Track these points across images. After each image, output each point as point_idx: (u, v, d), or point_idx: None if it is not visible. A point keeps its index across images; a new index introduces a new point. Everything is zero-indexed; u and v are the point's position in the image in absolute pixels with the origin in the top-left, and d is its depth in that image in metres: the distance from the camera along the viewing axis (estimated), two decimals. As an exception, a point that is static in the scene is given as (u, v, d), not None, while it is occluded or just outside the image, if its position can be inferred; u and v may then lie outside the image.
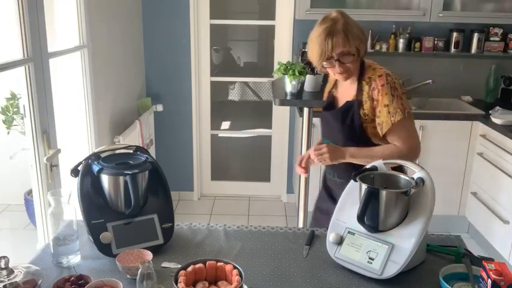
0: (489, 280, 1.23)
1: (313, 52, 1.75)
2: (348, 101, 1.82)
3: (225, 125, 4.51)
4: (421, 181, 1.47)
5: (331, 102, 1.94)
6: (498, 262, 1.28)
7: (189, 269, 1.30)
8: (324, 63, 1.76)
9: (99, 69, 2.83)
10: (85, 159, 1.61)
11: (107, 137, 3.03)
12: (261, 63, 4.33)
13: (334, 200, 1.95)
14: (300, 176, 3.03)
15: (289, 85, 2.95)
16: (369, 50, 3.75)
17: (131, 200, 1.52)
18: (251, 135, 4.53)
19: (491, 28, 3.70)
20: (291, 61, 3.13)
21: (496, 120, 3.17)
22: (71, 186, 1.64)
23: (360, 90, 1.80)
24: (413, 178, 1.50)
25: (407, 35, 3.72)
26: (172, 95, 3.99)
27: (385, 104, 1.74)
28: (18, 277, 1.27)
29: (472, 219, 3.52)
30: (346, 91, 1.88)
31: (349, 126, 1.81)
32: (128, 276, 1.40)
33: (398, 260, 1.39)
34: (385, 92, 1.74)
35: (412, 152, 1.76)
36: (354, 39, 1.72)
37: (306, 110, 2.98)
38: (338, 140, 1.85)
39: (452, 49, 3.72)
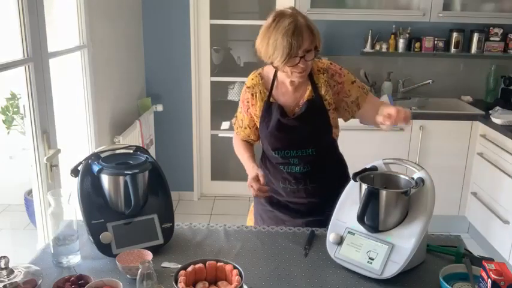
0: (489, 280, 1.23)
1: (278, 51, 1.61)
2: (307, 100, 1.76)
3: (225, 125, 4.50)
4: (421, 181, 1.47)
5: (283, 110, 1.79)
6: (498, 262, 1.28)
7: (189, 269, 1.30)
8: (287, 63, 1.64)
9: (99, 69, 2.83)
10: (85, 159, 1.61)
11: (107, 137, 3.03)
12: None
13: (297, 212, 1.87)
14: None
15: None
16: (369, 50, 3.75)
17: (131, 200, 1.52)
18: (251, 135, 4.52)
19: (491, 28, 3.70)
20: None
21: (496, 120, 3.17)
22: (71, 186, 1.64)
23: (314, 84, 1.76)
24: (413, 178, 1.50)
25: (407, 35, 3.72)
26: (172, 95, 3.99)
27: (351, 81, 1.80)
28: (18, 277, 1.27)
29: (472, 219, 3.52)
30: (293, 93, 1.79)
31: (319, 123, 1.78)
32: (128, 276, 1.40)
33: (398, 260, 1.39)
34: (346, 72, 1.81)
35: None
36: (318, 34, 1.66)
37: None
38: (306, 143, 1.78)
39: (452, 49, 3.72)
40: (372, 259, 1.42)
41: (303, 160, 1.81)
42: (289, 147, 1.80)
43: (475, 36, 3.70)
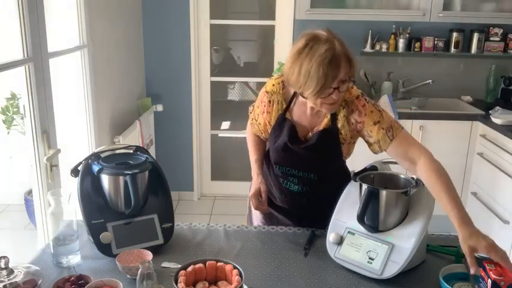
0: (489, 280, 1.23)
1: (311, 81, 1.44)
2: (323, 130, 1.63)
3: (225, 125, 4.50)
4: (421, 181, 1.47)
5: (294, 132, 1.68)
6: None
7: (189, 269, 1.30)
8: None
9: (99, 69, 2.83)
10: (85, 159, 1.61)
11: (107, 137, 3.03)
12: (261, 63, 4.33)
13: (292, 215, 1.82)
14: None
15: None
16: (369, 50, 3.75)
17: (131, 200, 1.52)
18: (251, 135, 4.52)
19: (491, 28, 3.69)
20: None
21: (496, 120, 3.17)
22: (71, 186, 1.63)
23: (334, 116, 1.63)
24: (413, 178, 1.50)
25: (407, 35, 3.72)
26: (172, 95, 3.98)
27: (374, 121, 1.59)
28: (18, 277, 1.27)
29: (472, 219, 3.51)
30: (310, 117, 1.67)
31: (328, 155, 1.68)
32: (128, 276, 1.40)
33: (398, 260, 1.39)
34: (370, 111, 1.60)
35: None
36: (355, 64, 1.49)
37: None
38: (310, 169, 1.69)
39: (452, 49, 3.72)
40: (372, 259, 1.42)
41: (302, 181, 1.73)
42: (291, 166, 1.72)
43: (475, 36, 3.70)
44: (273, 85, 1.73)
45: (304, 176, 1.72)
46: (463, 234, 1.36)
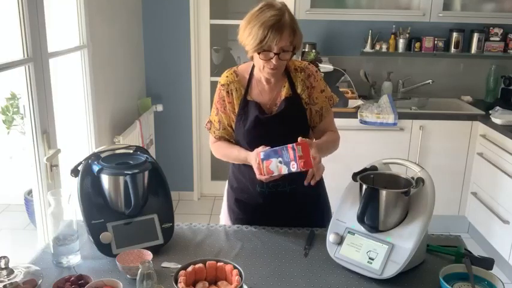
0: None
1: (251, 37, 1.58)
2: (285, 98, 1.73)
3: (225, 125, 4.50)
4: (421, 181, 1.47)
5: (260, 108, 1.74)
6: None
7: (189, 269, 1.30)
8: (260, 54, 1.60)
9: (99, 69, 2.83)
10: (85, 159, 1.61)
11: (107, 137, 3.03)
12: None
13: (283, 213, 1.81)
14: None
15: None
16: (369, 50, 3.75)
17: (131, 200, 1.52)
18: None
19: (491, 28, 3.69)
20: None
21: (496, 120, 3.17)
22: (71, 186, 1.64)
23: (292, 83, 1.74)
24: (413, 178, 1.50)
25: (407, 35, 3.72)
26: (172, 95, 3.99)
27: (321, 89, 1.78)
28: (18, 277, 1.27)
29: (472, 219, 3.52)
30: (270, 91, 1.75)
31: (297, 122, 1.75)
32: (128, 276, 1.40)
33: (398, 260, 1.39)
34: (319, 78, 1.78)
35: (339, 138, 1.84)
36: (299, 37, 1.63)
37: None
38: (285, 142, 1.58)
39: (452, 49, 3.72)
40: (372, 259, 1.42)
41: None
42: (257, 144, 1.66)
43: (475, 36, 3.70)
44: (227, 77, 1.80)
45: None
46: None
